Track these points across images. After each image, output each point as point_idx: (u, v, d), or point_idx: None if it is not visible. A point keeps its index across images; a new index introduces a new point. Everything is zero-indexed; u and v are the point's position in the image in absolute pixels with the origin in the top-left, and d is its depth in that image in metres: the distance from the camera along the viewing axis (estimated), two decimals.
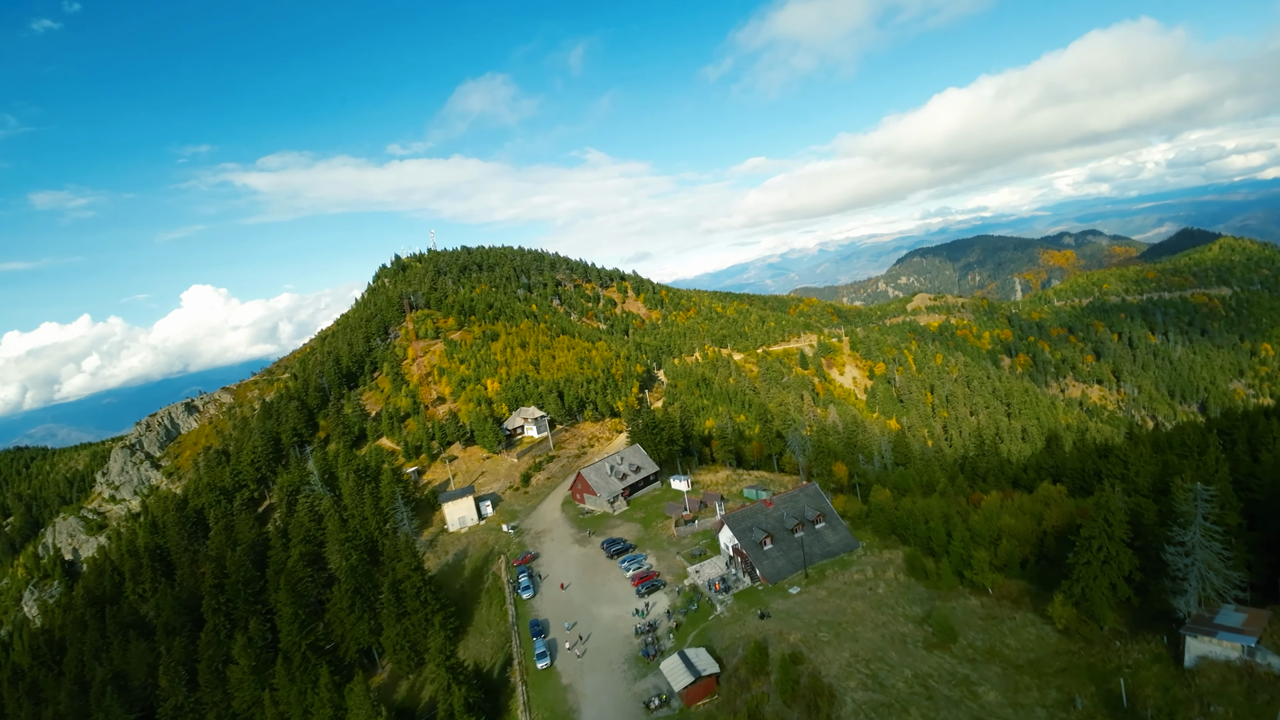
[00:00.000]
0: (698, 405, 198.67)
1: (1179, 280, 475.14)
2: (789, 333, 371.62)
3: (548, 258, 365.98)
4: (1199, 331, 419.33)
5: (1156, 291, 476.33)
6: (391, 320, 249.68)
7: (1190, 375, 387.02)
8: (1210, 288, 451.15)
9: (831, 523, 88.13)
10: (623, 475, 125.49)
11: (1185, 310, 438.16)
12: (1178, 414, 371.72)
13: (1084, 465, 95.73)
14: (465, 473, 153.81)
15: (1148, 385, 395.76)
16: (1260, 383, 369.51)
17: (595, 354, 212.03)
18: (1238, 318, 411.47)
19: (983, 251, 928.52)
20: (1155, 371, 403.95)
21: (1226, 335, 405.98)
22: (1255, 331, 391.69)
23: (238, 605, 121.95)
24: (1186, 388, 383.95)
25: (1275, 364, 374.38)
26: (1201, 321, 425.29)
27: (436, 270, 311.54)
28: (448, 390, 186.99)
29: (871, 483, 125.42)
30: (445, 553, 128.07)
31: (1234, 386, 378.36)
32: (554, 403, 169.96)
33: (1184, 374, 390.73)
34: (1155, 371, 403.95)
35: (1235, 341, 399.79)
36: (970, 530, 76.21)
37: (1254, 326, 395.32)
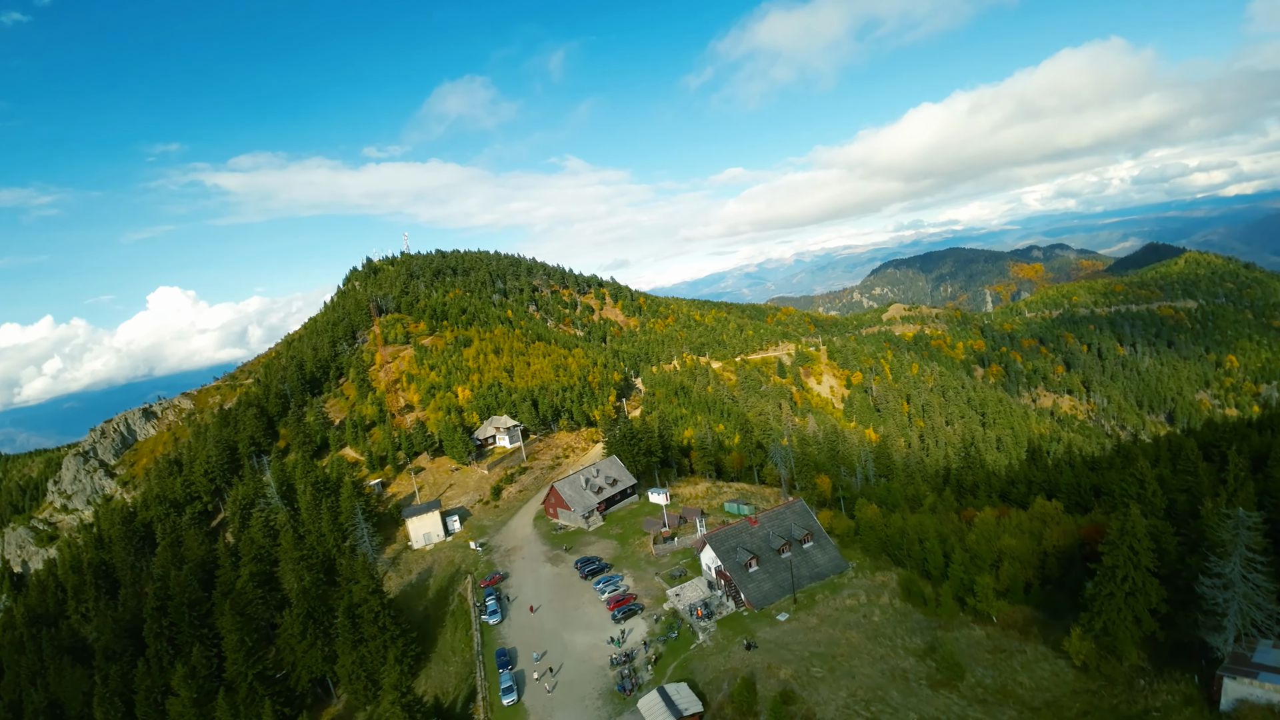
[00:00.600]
0: (676, 414, 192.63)
1: (1146, 293, 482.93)
2: (767, 341, 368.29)
3: (524, 263, 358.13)
4: (1166, 343, 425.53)
5: (1124, 304, 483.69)
6: (360, 324, 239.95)
7: (1158, 386, 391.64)
8: (1176, 301, 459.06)
9: (820, 542, 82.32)
10: (598, 489, 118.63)
11: (1152, 322, 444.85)
12: (1146, 424, 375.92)
13: (1079, 480, 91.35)
14: (432, 485, 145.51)
15: (1117, 395, 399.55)
16: (1225, 393, 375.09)
17: (572, 361, 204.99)
18: (1203, 330, 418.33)
19: (955, 263, 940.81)
20: (1124, 382, 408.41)
21: (1192, 347, 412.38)
22: (1220, 343, 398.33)
23: (181, 630, 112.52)
24: (1154, 398, 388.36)
25: (1240, 375, 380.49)
26: (1168, 333, 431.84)
27: (409, 274, 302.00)
28: (416, 398, 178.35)
29: (856, 496, 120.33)
30: (408, 572, 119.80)
31: (1200, 397, 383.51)
32: (528, 411, 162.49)
33: (1152, 385, 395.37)
34: (1124, 382, 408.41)
35: (1201, 353, 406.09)
36: (969, 552, 70.88)
37: (1219, 339, 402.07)
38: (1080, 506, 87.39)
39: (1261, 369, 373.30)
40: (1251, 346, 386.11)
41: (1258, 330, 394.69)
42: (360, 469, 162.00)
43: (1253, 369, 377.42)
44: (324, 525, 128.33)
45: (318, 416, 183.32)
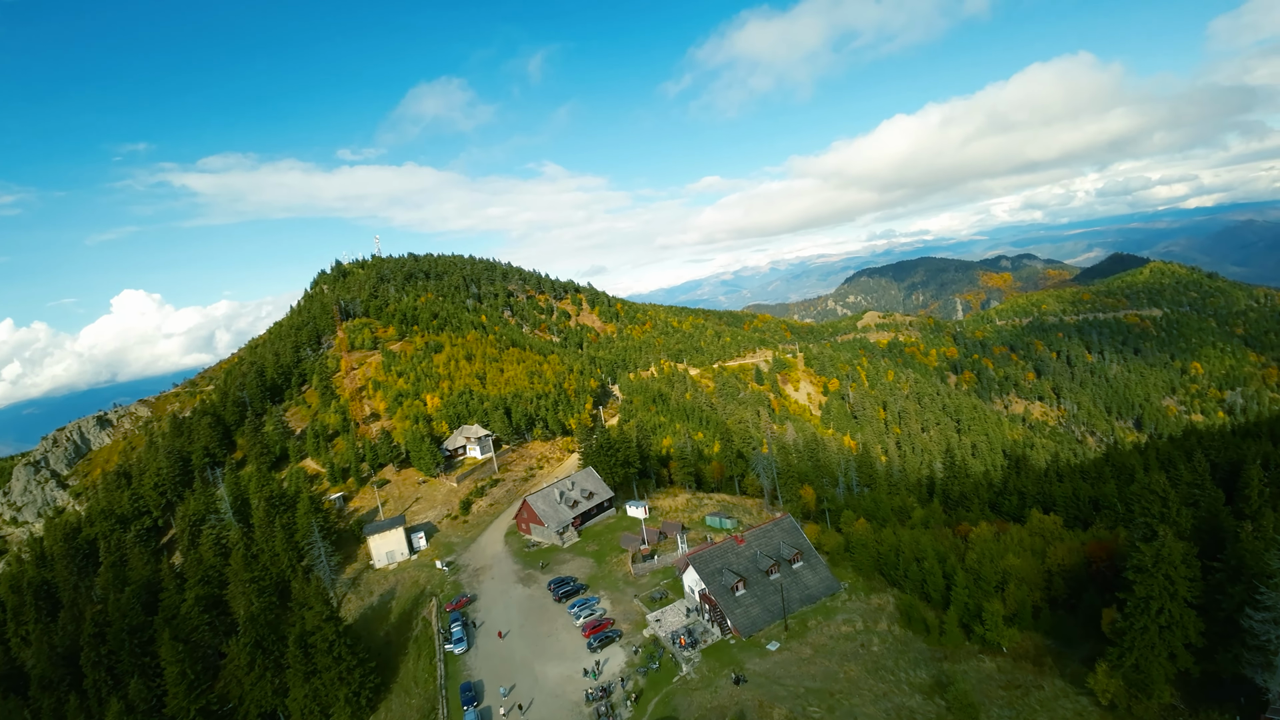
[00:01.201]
0: (654, 422, 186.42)
1: (1112, 302, 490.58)
2: (744, 348, 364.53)
3: (499, 267, 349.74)
4: (1132, 351, 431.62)
5: (1092, 312, 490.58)
6: (325, 329, 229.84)
7: (1126, 392, 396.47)
8: (1142, 309, 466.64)
9: (810, 561, 76.54)
10: (574, 502, 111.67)
11: (1119, 330, 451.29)
12: (1115, 430, 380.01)
13: (1076, 493, 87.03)
14: (397, 499, 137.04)
15: (1086, 402, 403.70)
16: (1191, 399, 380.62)
17: (547, 368, 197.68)
18: (1168, 338, 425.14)
19: (926, 272, 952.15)
20: (1093, 389, 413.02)
21: (1158, 354, 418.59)
22: (1185, 351, 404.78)
23: (121, 659, 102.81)
24: (1122, 404, 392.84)
25: (1205, 382, 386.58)
26: (1134, 341, 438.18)
27: (379, 277, 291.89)
28: (382, 406, 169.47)
29: (841, 508, 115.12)
30: (369, 593, 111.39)
31: (1167, 403, 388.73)
32: (500, 420, 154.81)
33: (1120, 391, 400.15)
34: (1093, 389, 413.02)
35: (1167, 360, 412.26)
36: (972, 573, 65.65)
37: (1184, 346, 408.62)
38: (1080, 521, 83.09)
39: (1225, 376, 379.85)
40: (1215, 354, 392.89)
41: (1221, 338, 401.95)
42: (321, 482, 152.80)
43: (1217, 376, 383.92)
44: (278, 544, 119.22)
45: (277, 426, 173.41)
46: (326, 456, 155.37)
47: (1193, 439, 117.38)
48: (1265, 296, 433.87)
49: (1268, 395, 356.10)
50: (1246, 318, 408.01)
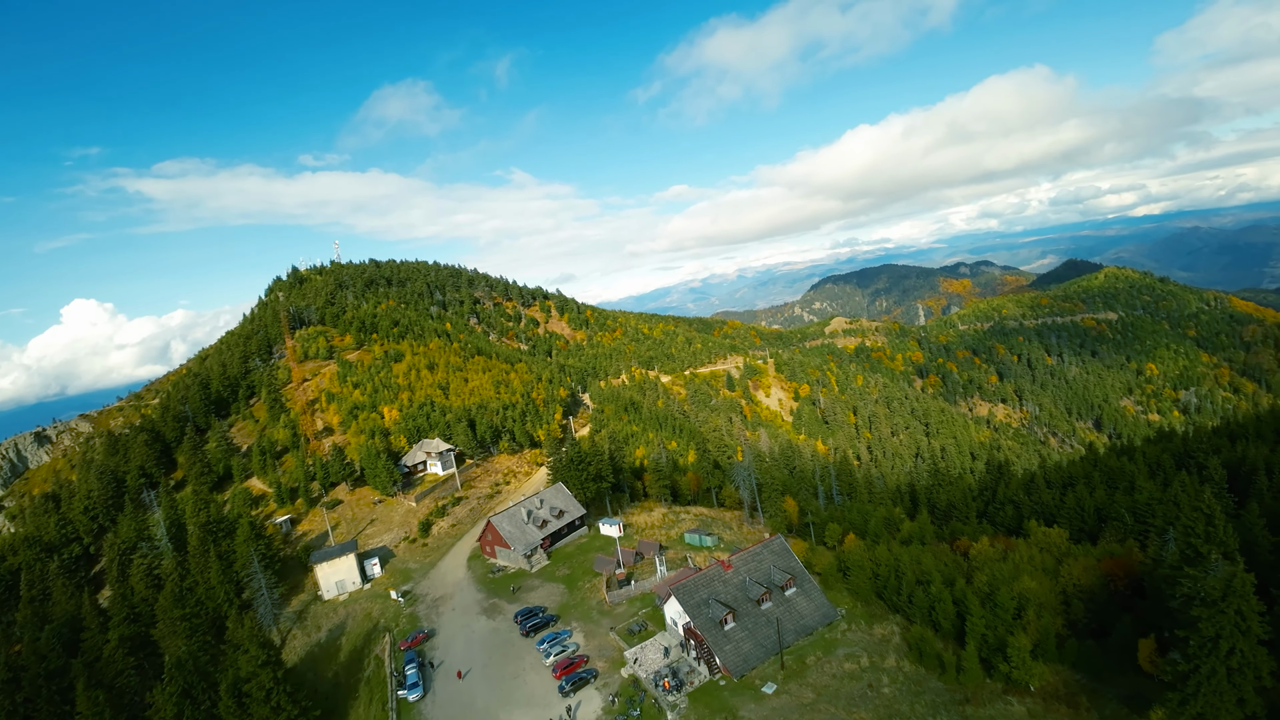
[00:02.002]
0: (626, 432, 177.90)
1: (1069, 306, 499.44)
2: (715, 355, 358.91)
3: (465, 274, 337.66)
4: (1090, 353, 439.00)
5: (1050, 316, 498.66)
6: (277, 338, 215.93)
7: (1085, 393, 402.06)
8: (1098, 313, 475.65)
9: (804, 587, 68.85)
10: (542, 522, 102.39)
11: (1077, 333, 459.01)
12: (1076, 430, 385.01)
13: (1080, 503, 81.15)
14: (350, 521, 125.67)
15: (1048, 403, 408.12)
16: (1147, 400, 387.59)
17: (514, 377, 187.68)
18: (1124, 340, 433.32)
19: (889, 279, 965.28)
20: (1053, 390, 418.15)
21: (1115, 356, 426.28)
22: (1140, 353, 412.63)
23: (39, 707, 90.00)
24: (1082, 405, 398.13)
25: (1160, 382, 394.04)
26: (1092, 344, 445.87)
27: (338, 284, 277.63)
28: (336, 420, 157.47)
29: (825, 521, 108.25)
30: (316, 629, 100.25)
31: (1124, 404, 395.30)
32: (464, 433, 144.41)
33: (1079, 392, 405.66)
34: (1053, 390, 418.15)
35: (1123, 362, 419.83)
36: (985, 598, 58.70)
37: (1139, 348, 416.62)
38: (1086, 534, 77.23)
39: (1179, 376, 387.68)
40: (1169, 355, 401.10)
41: (1174, 340, 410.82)
42: (267, 503, 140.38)
43: (1171, 376, 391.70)
44: (213, 575, 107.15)
45: (221, 442, 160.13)
46: (274, 475, 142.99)
47: (1177, 441, 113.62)
48: (1215, 299, 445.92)
49: (1220, 394, 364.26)
50: (1198, 320, 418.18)
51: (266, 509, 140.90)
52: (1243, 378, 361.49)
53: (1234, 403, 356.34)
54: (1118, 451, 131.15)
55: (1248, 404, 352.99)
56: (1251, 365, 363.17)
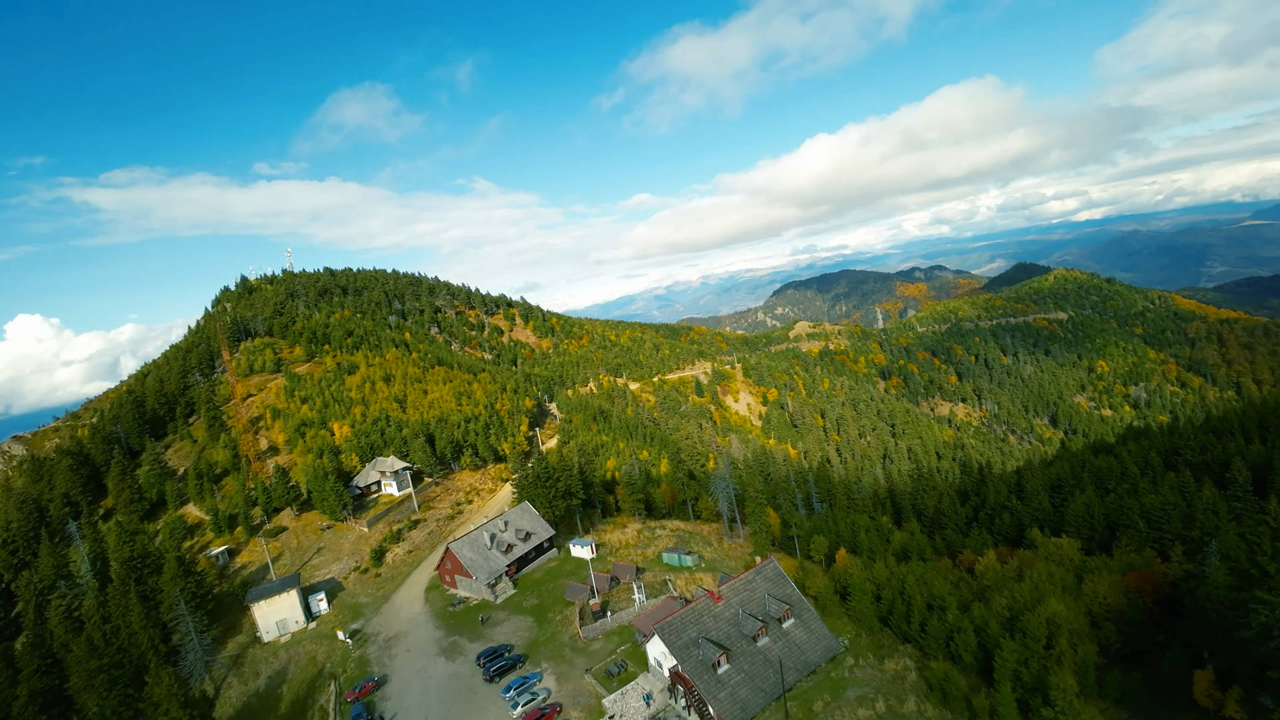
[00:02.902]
0: (596, 442, 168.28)
1: (1022, 307, 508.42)
2: (683, 360, 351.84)
3: (426, 282, 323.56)
4: (1044, 352, 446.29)
5: (1004, 317, 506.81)
6: (220, 351, 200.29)
7: (1040, 391, 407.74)
8: (1049, 313, 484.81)
9: (803, 617, 60.58)
10: (507, 546, 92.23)
11: (1030, 333, 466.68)
12: (1034, 427, 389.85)
13: (1089, 510, 74.81)
14: (296, 550, 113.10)
15: (1006, 401, 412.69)
16: (1100, 395, 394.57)
17: (477, 387, 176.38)
18: (1075, 339, 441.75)
19: (848, 284, 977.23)
20: (1010, 389, 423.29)
21: (1067, 354, 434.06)
22: (1091, 350, 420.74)
23: None
24: (1038, 403, 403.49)
25: (1110, 378, 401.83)
26: (1045, 343, 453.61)
27: (288, 294, 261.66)
28: (282, 438, 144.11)
29: (809, 533, 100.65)
30: (255, 675, 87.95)
31: (1078, 400, 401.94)
32: (422, 449, 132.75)
33: (1035, 390, 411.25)
34: (1010, 389, 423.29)
35: (1075, 360, 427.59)
36: (1008, 623, 51.25)
37: (1089, 346, 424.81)
38: (1098, 544, 70.96)
39: (1129, 372, 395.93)
40: (1118, 352, 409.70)
41: (1122, 337, 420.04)
42: (204, 532, 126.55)
43: (1121, 372, 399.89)
44: (134, 619, 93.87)
45: (154, 466, 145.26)
46: (211, 501, 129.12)
47: (1159, 438, 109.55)
48: (1159, 298, 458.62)
49: (1168, 389, 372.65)
50: (1144, 318, 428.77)
51: (203, 539, 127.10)
52: (1189, 373, 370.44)
53: (1181, 396, 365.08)
54: (1096, 449, 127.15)
55: (1195, 398, 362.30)
56: (1197, 360, 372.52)
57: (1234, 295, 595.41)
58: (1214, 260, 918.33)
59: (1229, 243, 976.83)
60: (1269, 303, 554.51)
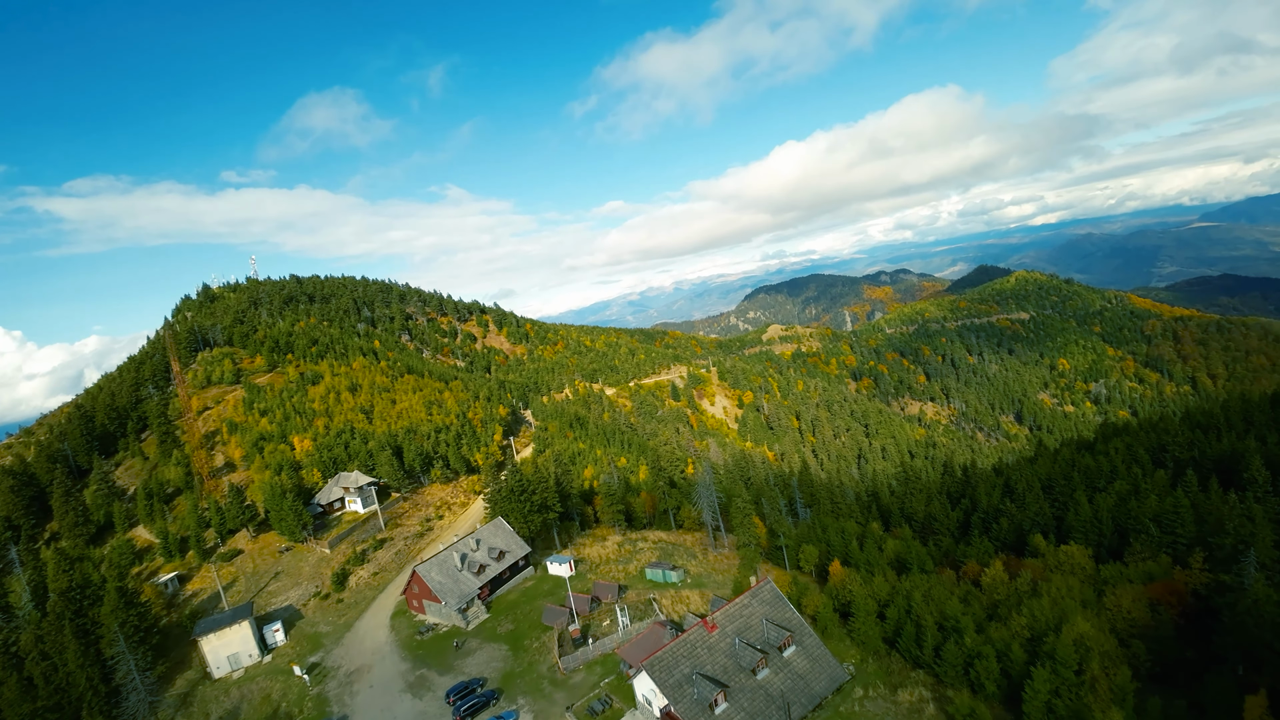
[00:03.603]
0: (573, 450, 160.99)
1: (985, 308, 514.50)
2: (659, 365, 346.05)
3: (396, 289, 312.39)
4: (1007, 351, 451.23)
5: (968, 318, 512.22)
6: (171, 362, 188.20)
7: (1006, 389, 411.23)
8: (1011, 313, 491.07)
9: (804, 643, 54.45)
10: (479, 567, 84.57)
11: (994, 333, 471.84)
12: (1000, 424, 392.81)
13: (1097, 514, 70.06)
14: (251, 575, 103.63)
15: (973, 400, 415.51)
16: (1062, 392, 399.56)
17: (449, 395, 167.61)
18: (1036, 338, 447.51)
19: (817, 288, 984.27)
20: (977, 387, 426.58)
21: (1029, 353, 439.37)
22: (1052, 349, 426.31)
23: None
24: (1004, 400, 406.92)
25: (1071, 376, 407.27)
26: (1008, 342, 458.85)
27: (252, 302, 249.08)
28: (239, 453, 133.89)
29: (799, 543, 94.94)
30: (204, 717, 78.77)
31: (1042, 397, 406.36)
32: (388, 462, 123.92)
33: (1000, 388, 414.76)
34: (977, 387, 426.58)
35: (1037, 358, 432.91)
36: (1030, 645, 45.77)
37: (1051, 345, 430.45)
38: (1107, 550, 66.31)
39: (1089, 369, 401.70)
40: (1078, 350, 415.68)
41: (1082, 336, 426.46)
42: (154, 556, 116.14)
43: (1081, 370, 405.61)
44: (70, 657, 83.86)
45: (102, 485, 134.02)
46: (161, 524, 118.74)
47: (1142, 434, 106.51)
48: (1115, 297, 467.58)
49: (1127, 384, 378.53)
50: (1102, 317, 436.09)
51: (153, 564, 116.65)
52: (1146, 369, 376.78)
53: (1140, 392, 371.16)
54: (1079, 447, 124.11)
55: (1152, 393, 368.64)
56: (1153, 357, 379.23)
57: (1185, 294, 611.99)
58: (1164, 261, 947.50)
59: (1178, 244, 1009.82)
60: (1218, 300, 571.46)
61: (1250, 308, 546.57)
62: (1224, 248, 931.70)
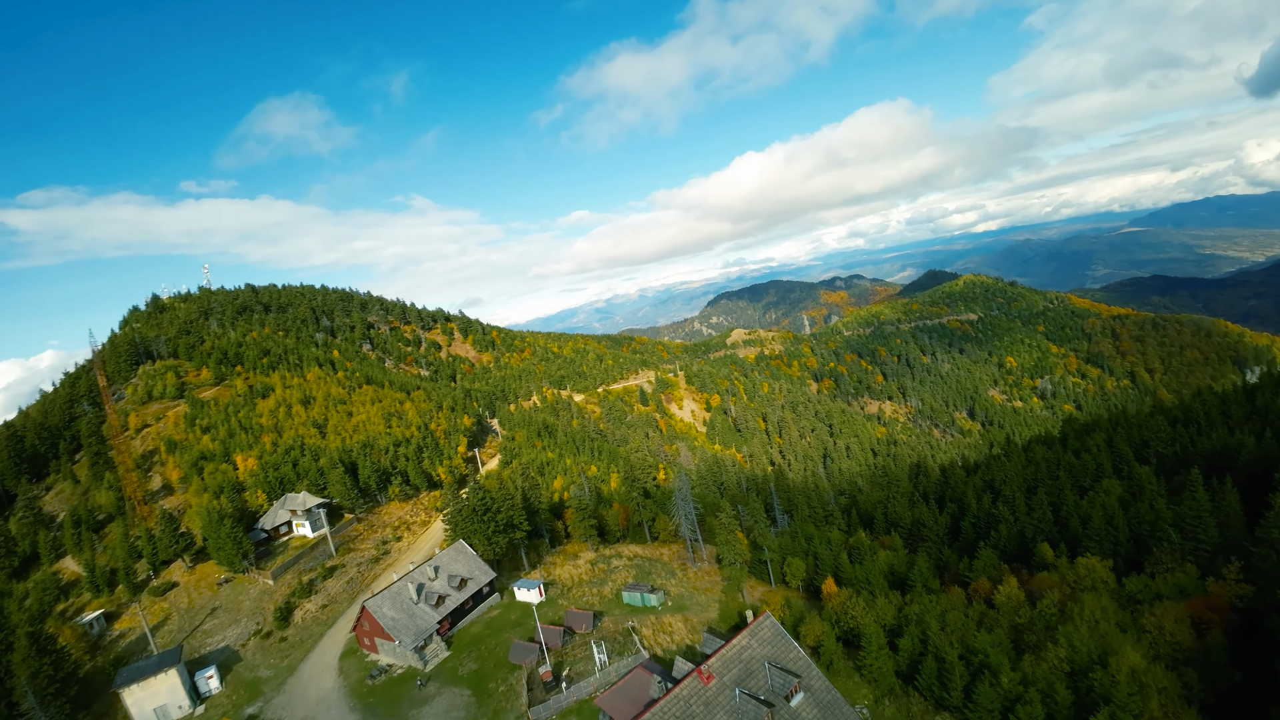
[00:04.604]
0: (542, 460, 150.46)
1: (936, 310, 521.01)
2: (627, 370, 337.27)
3: (358, 298, 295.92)
4: (958, 350, 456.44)
5: (921, 320, 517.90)
6: (117, 375, 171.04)
7: (958, 387, 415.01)
8: (961, 314, 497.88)
9: (813, 688, 45.77)
10: (438, 598, 73.77)
11: (945, 334, 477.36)
12: (955, 420, 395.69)
13: (1112, 520, 63.03)
14: (186, 611, 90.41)
15: (928, 398, 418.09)
16: (1010, 389, 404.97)
17: (410, 406, 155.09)
18: (985, 337, 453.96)
19: (777, 294, 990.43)
20: (931, 385, 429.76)
21: (979, 352, 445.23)
22: (1000, 348, 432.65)
23: None
24: (957, 397, 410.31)
25: (1018, 373, 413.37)
26: (958, 342, 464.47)
27: (203, 312, 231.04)
28: (177, 475, 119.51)
29: (784, 555, 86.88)
30: None
31: (992, 393, 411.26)
32: (341, 481, 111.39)
33: (953, 386, 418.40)
34: (931, 385, 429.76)
35: (986, 356, 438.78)
36: (1075, 683, 38.00)
37: (998, 344, 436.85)
38: (1126, 561, 59.60)
39: (1034, 367, 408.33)
40: (1024, 349, 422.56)
41: (1026, 335, 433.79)
42: (81, 591, 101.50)
43: (1027, 367, 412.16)
44: None
45: (28, 512, 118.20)
46: (89, 554, 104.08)
47: (1126, 427, 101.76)
48: (1057, 298, 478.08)
49: (1070, 380, 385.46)
50: (1045, 316, 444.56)
51: (80, 599, 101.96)
52: (1088, 365, 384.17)
53: (1083, 387, 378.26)
54: (1047, 443, 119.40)
55: (1094, 387, 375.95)
56: (1094, 353, 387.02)
57: (1118, 294, 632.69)
58: (1098, 264, 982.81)
59: (1110, 248, 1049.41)
60: (1150, 300, 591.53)
61: (1180, 306, 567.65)
62: (1153, 251, 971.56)
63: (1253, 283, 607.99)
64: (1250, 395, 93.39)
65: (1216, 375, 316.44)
